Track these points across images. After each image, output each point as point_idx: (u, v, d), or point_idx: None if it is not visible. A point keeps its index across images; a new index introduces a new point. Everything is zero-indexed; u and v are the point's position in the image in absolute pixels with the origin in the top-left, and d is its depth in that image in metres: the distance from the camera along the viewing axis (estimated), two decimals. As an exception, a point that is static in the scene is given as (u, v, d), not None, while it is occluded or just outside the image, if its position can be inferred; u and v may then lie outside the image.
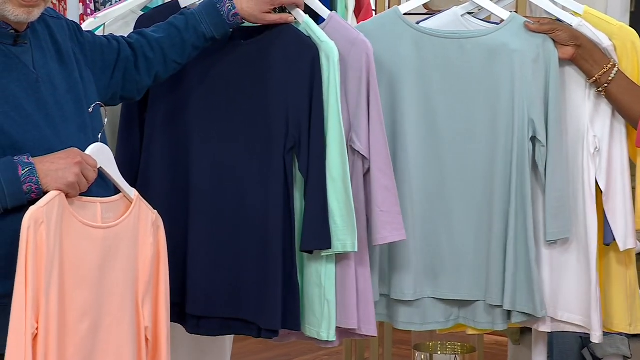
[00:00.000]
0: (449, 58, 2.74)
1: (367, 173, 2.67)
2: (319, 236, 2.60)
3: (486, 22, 2.86)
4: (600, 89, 2.69)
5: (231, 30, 2.66)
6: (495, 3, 2.82)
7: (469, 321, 2.81)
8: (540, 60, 2.70)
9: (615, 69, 2.66)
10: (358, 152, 2.66)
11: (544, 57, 2.70)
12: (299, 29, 2.67)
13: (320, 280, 2.63)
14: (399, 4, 3.67)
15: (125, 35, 2.65)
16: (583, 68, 2.70)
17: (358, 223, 2.62)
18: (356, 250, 2.61)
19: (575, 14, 2.78)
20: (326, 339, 2.66)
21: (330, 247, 2.61)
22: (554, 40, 2.68)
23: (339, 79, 2.61)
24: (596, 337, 2.73)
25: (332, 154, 2.61)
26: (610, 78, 2.66)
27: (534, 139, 2.73)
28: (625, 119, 2.71)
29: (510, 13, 2.77)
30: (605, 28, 2.75)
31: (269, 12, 2.64)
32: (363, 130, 2.65)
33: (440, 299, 2.79)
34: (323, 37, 2.63)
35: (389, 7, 3.82)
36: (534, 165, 2.74)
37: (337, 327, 2.65)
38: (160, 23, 2.65)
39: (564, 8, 2.79)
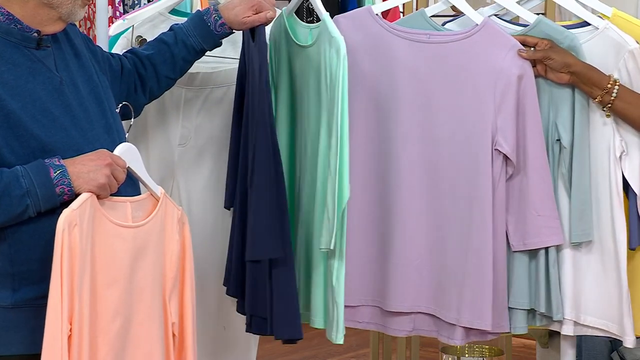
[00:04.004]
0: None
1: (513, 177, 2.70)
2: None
3: (514, 23, 2.85)
4: (604, 108, 2.68)
5: (221, 40, 2.68)
6: (523, 5, 2.82)
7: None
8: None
9: (617, 86, 2.64)
10: (504, 154, 2.67)
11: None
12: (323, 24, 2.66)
13: (331, 282, 2.63)
14: (426, 5, 3.67)
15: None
16: (583, 91, 2.68)
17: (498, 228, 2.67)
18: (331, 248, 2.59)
19: (603, 16, 2.77)
20: (335, 342, 2.66)
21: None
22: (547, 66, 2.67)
23: (346, 74, 2.58)
24: (629, 342, 2.71)
25: (342, 150, 2.60)
26: (612, 97, 2.65)
27: (558, 142, 2.72)
28: (638, 130, 2.70)
29: (536, 16, 2.76)
30: (633, 30, 2.73)
31: (249, 16, 2.64)
32: (510, 133, 2.66)
33: None
34: (334, 33, 2.62)
35: (416, 9, 3.82)
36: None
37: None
38: (151, 40, 2.70)
39: (593, 10, 2.78)
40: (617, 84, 2.65)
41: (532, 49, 2.67)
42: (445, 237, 2.74)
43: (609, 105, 2.66)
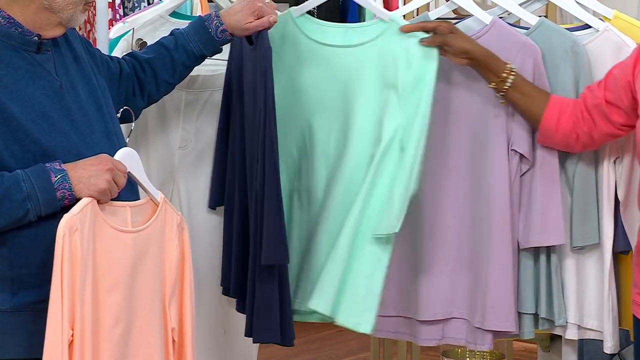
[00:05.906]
0: None
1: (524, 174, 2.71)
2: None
3: (515, 26, 2.85)
4: (498, 95, 2.67)
5: (221, 46, 2.67)
6: (525, 7, 2.82)
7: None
8: (568, 64, 2.70)
9: (512, 75, 2.64)
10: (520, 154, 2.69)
11: (572, 61, 2.70)
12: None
13: (371, 272, 2.60)
14: (428, 9, 3.67)
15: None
16: (481, 75, 2.68)
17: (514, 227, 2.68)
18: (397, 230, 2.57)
19: (605, 18, 2.78)
20: (363, 332, 2.63)
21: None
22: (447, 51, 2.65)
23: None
24: (608, 347, 2.71)
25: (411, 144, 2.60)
26: (507, 86, 2.64)
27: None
28: (528, 121, 2.69)
29: (538, 18, 2.76)
30: (634, 32, 2.75)
31: (252, 22, 2.62)
32: (526, 132, 2.67)
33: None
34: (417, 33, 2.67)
35: (417, 14, 3.81)
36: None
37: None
38: (151, 44, 2.69)
39: (594, 13, 2.78)
40: (513, 73, 2.64)
41: (431, 34, 2.64)
42: (470, 239, 2.74)
43: (502, 93, 2.65)
